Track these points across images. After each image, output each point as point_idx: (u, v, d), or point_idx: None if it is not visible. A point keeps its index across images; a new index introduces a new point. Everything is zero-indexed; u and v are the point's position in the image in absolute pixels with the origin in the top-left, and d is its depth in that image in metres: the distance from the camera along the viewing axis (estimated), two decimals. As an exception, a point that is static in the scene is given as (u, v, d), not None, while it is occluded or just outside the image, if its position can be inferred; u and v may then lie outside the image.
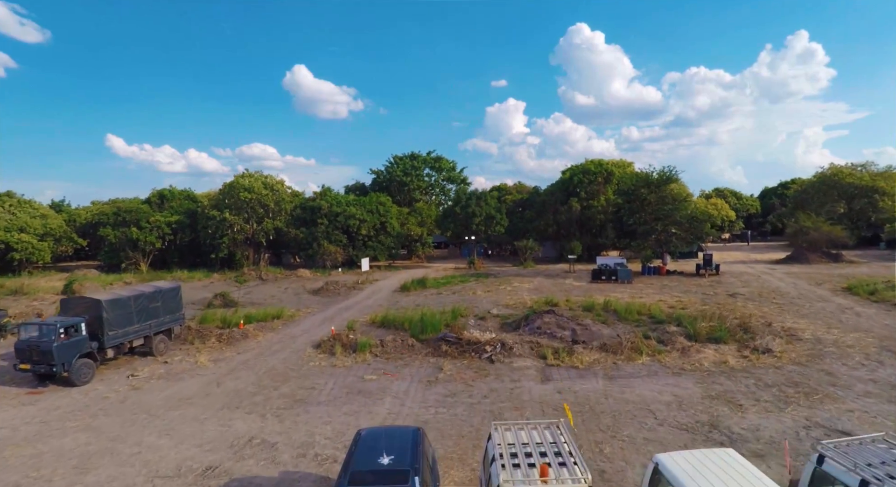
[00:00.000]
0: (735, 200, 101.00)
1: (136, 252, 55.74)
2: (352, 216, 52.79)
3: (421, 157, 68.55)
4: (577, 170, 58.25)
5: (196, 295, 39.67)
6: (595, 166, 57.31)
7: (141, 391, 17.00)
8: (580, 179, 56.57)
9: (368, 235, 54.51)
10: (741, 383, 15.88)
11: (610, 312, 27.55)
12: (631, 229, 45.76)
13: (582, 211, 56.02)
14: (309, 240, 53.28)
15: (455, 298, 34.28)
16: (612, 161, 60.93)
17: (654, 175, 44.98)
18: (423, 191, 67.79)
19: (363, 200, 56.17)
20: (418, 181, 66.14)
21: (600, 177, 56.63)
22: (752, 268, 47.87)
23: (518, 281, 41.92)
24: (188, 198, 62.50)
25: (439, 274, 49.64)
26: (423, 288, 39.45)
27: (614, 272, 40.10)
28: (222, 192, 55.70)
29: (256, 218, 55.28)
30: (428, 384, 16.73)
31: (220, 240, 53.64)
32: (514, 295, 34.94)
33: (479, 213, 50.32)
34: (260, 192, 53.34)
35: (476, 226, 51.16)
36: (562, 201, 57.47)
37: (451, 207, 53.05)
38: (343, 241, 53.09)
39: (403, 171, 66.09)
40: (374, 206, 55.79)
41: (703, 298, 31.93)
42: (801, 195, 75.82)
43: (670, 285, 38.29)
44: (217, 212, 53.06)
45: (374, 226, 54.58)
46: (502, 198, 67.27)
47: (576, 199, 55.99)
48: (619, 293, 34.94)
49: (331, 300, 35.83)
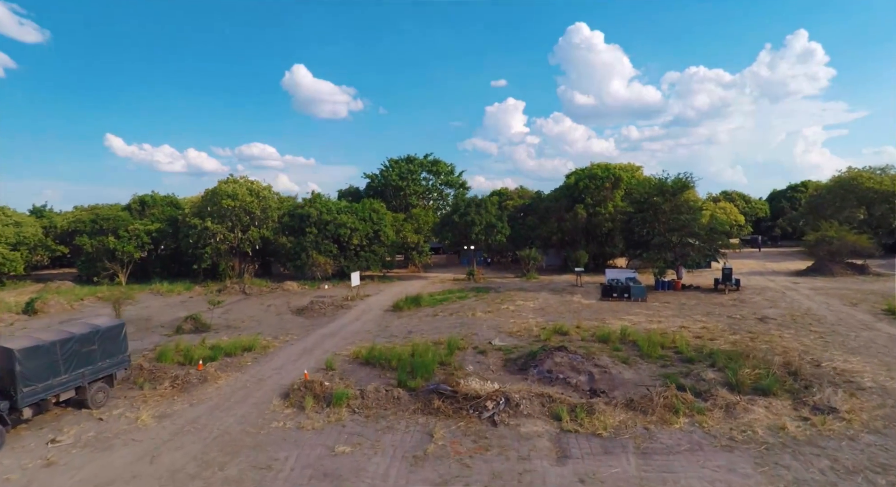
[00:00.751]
0: (744, 204, 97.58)
1: (113, 262, 52.30)
2: (343, 224, 49.36)
3: (417, 160, 65.08)
4: (582, 175, 54.81)
5: (169, 314, 36.23)
6: (602, 171, 53.87)
7: (55, 468, 13.57)
8: (586, 185, 53.13)
9: (361, 245, 51.08)
10: (813, 467, 12.44)
11: (628, 344, 24.14)
12: (642, 239, 42.31)
13: (588, 218, 52.58)
14: (297, 250, 49.86)
15: (452, 322, 30.85)
16: (620, 165, 57.50)
17: (669, 182, 41.53)
18: (419, 196, 64.31)
19: (355, 207, 52.74)
20: (415, 185, 62.68)
21: (608, 182, 53.19)
22: (773, 282, 44.44)
23: (521, 298, 38.49)
24: (171, 204, 59.02)
25: (436, 288, 46.23)
26: (417, 307, 36.02)
27: (627, 289, 36.65)
28: (204, 199, 52.24)
29: (241, 226, 51.84)
30: (414, 461, 13.30)
31: (203, 250, 50.21)
32: (518, 318, 31.52)
33: (478, 222, 46.93)
34: (244, 199, 49.88)
35: (476, 235, 47.76)
36: (567, 208, 54.04)
37: (448, 215, 49.63)
38: (333, 252, 49.65)
39: (399, 175, 62.61)
40: (367, 214, 52.35)
41: (730, 324, 28.49)
42: (817, 200, 72.33)
43: (689, 304, 34.85)
44: (198, 221, 49.61)
45: (367, 234, 51.14)
46: (503, 204, 63.85)
47: (582, 206, 52.55)
48: (634, 315, 31.50)
49: (314, 322, 32.38)
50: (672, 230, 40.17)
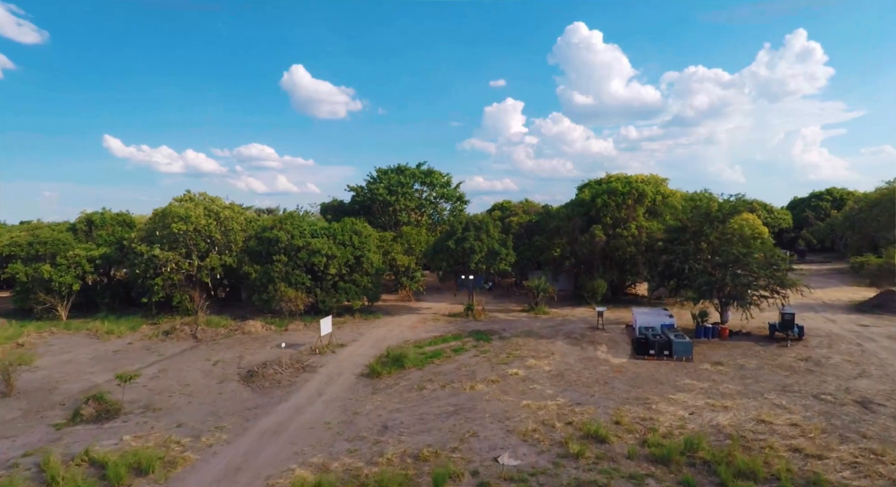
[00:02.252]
0: (765, 214, 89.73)
1: (50, 294, 44.43)
2: (317, 251, 41.47)
3: (409, 170, 57.21)
4: (599, 190, 46.97)
5: (86, 379, 28.33)
6: (623, 185, 46.05)
7: None
8: (605, 202, 45.30)
9: (340, 274, 43.23)
10: None
11: (700, 467, 16.37)
12: (679, 272, 34.54)
13: (608, 241, 44.77)
14: (263, 280, 42.00)
15: (443, 404, 23.00)
16: (641, 177, 49.68)
17: (715, 205, 33.74)
18: (411, 212, 56.49)
19: (334, 229, 44.85)
20: (405, 200, 54.89)
21: (629, 198, 45.38)
22: (834, 323, 36.69)
23: (532, 352, 30.67)
24: (123, 223, 51.07)
25: (428, 330, 38.38)
26: (400, 369, 28.18)
27: (667, 345, 28.82)
28: (152, 221, 44.33)
29: (199, 252, 43.96)
30: None
31: (153, 282, 42.33)
32: (531, 394, 23.74)
33: (478, 249, 39.18)
34: (198, 222, 41.94)
35: (475, 264, 39.98)
36: (581, 228, 46.22)
37: (442, 240, 41.77)
38: (306, 283, 41.78)
39: (388, 189, 54.76)
40: (347, 236, 44.48)
41: (825, 413, 20.71)
42: (858, 214, 64.75)
43: (749, 368, 27.03)
44: (145, 248, 41.71)
45: (347, 262, 43.29)
46: (506, 220, 56.04)
47: (599, 228, 44.72)
48: (686, 392, 23.69)
49: (262, 400, 24.53)
50: (720, 265, 32.38)
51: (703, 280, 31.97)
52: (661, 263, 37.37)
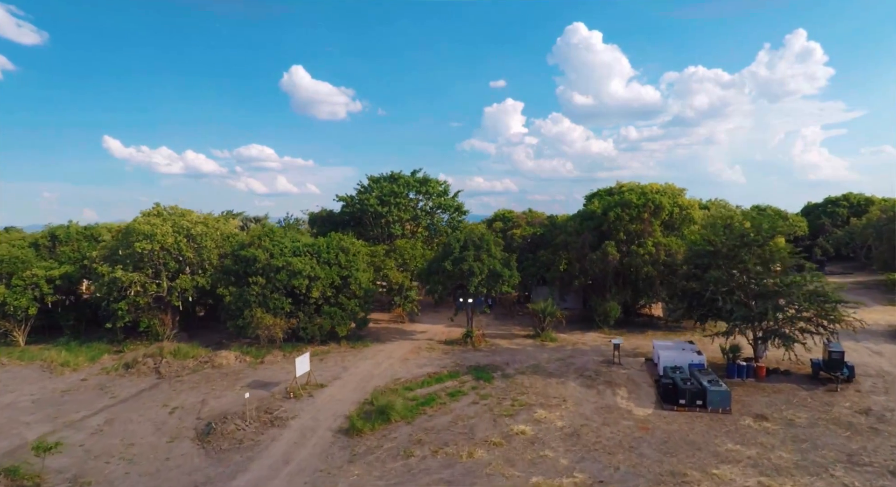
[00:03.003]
0: (780, 222, 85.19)
1: (5, 319, 40.20)
2: (297, 272, 37.15)
3: (403, 178, 52.86)
4: (612, 203, 42.62)
5: (19, 430, 23.99)
6: (637, 197, 41.70)
7: None
8: (618, 215, 40.96)
9: (324, 296, 38.92)
10: None
11: None
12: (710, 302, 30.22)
13: (621, 259, 40.46)
14: (238, 304, 37.71)
15: (433, 481, 18.69)
16: (655, 186, 45.34)
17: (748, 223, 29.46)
18: (405, 223, 52.11)
19: (318, 246, 40.50)
20: (399, 211, 50.55)
21: (645, 211, 41.05)
22: (885, 359, 32.31)
23: (541, 400, 26.35)
24: (91, 238, 46.73)
25: (422, 363, 34.07)
26: (385, 423, 23.89)
27: (700, 394, 24.48)
28: (115, 239, 40.02)
29: (169, 272, 39.65)
30: None
31: (116, 306, 38.05)
32: (542, 467, 19.45)
33: (478, 271, 34.89)
34: (165, 241, 37.58)
35: (475, 287, 35.65)
36: (592, 244, 41.90)
37: (438, 260, 37.38)
38: (286, 308, 37.47)
39: (380, 199, 50.42)
40: (332, 254, 40.16)
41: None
42: (887, 224, 60.41)
43: (801, 426, 22.70)
44: (106, 268, 37.40)
45: (332, 283, 38.99)
46: (508, 233, 51.73)
47: (612, 244, 40.38)
48: (730, 463, 19.34)
49: (214, 470, 20.24)
50: (759, 295, 28.05)
51: (740, 314, 27.60)
52: (685, 288, 33.04)
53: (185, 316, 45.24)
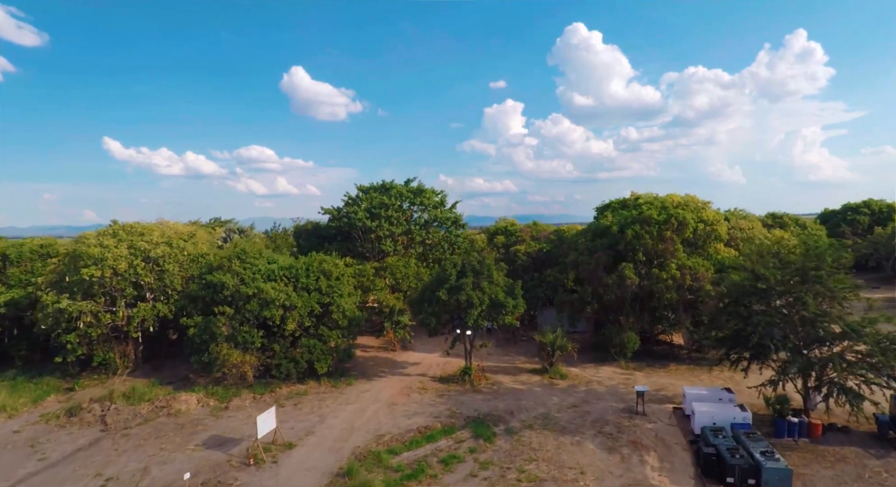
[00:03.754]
0: (798, 230, 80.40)
1: (-58, 350, 35.45)
2: (270, 301, 32.33)
3: (396, 188, 47.97)
4: (628, 218, 37.75)
5: None
6: (658, 212, 36.86)
7: None
8: (637, 234, 36.12)
9: (302, 326, 34.13)
10: None
11: None
12: (759, 348, 25.36)
13: (641, 283, 35.64)
14: (203, 337, 32.91)
15: None
16: (675, 198, 40.55)
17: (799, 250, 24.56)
18: (398, 238, 47.21)
19: (296, 268, 35.66)
20: (390, 225, 45.69)
21: (668, 229, 36.22)
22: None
23: (554, 473, 21.50)
24: (47, 257, 41.87)
25: (411, 409, 29.25)
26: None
27: (753, 471, 19.62)
28: (62, 263, 35.20)
29: (127, 299, 34.85)
30: None
31: (66, 338, 33.29)
32: None
33: (478, 302, 30.05)
34: (117, 265, 32.79)
35: (475, 319, 30.82)
36: (607, 265, 37.06)
37: (431, 288, 32.37)
38: (256, 343, 32.67)
39: (369, 212, 45.54)
40: (312, 279, 35.35)
41: None
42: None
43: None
44: (51, 297, 32.61)
45: (312, 311, 34.20)
46: (510, 247, 46.91)
47: (630, 267, 35.55)
48: None
49: None
50: (818, 340, 23.18)
51: (798, 365, 22.71)
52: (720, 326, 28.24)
53: (153, 342, 40.50)
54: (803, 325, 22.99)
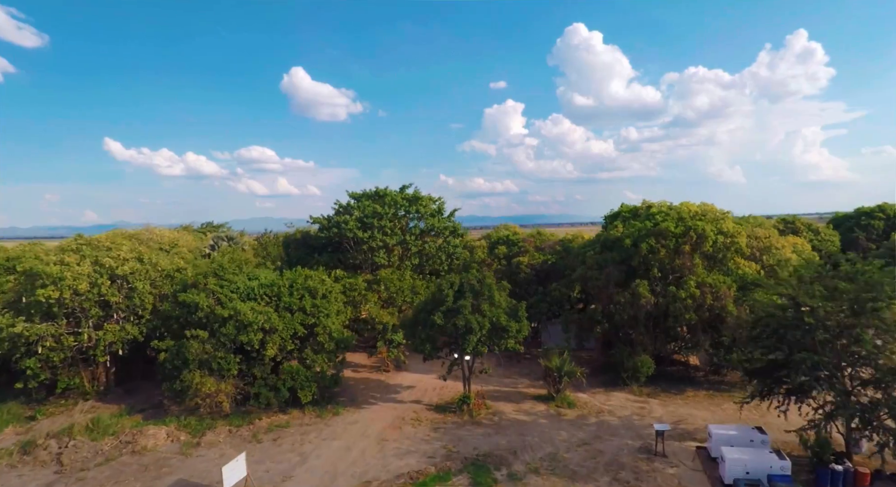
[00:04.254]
0: (811, 236, 77.27)
1: None
2: (247, 325, 29.28)
3: (390, 195, 44.89)
4: (641, 230, 34.66)
5: None
6: (675, 224, 33.77)
7: None
8: (652, 248, 33.05)
9: (284, 350, 31.08)
10: None
11: None
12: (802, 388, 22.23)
13: (657, 302, 32.58)
14: (175, 363, 29.86)
15: None
16: (691, 208, 37.55)
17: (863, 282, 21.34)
18: (392, 249, 44.15)
19: (278, 286, 32.59)
20: (384, 236, 42.63)
21: (686, 243, 33.15)
22: None
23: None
24: (11, 271, 38.73)
25: (403, 446, 26.19)
26: None
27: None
28: (19, 282, 32.13)
29: (92, 321, 31.81)
30: None
31: (26, 363, 30.28)
32: None
33: (478, 326, 27.01)
34: (78, 285, 29.72)
35: (475, 345, 27.78)
36: (619, 281, 33.99)
37: (425, 310, 29.19)
38: (233, 371, 29.61)
39: (361, 222, 42.46)
40: (296, 298, 32.30)
41: None
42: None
43: None
44: (6, 321, 29.56)
45: (295, 334, 31.16)
46: (513, 259, 43.85)
47: (645, 284, 32.48)
48: None
49: None
50: (869, 381, 20.08)
51: (848, 409, 19.61)
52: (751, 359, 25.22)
53: (127, 364, 37.45)
54: (853, 363, 19.92)
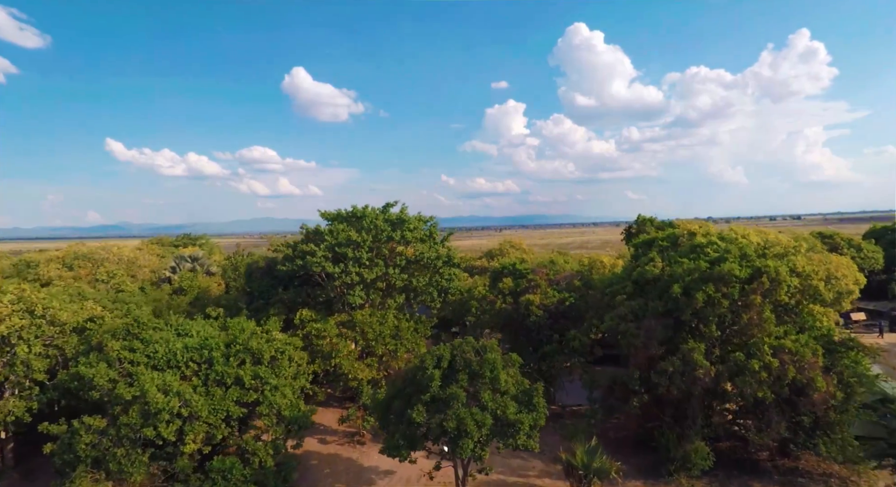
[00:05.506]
0: (853, 252, 68.74)
1: None
2: (157, 413, 21.09)
3: (370, 216, 36.52)
4: (694, 273, 26.20)
5: None
6: (739, 265, 25.36)
7: None
8: (710, 299, 24.67)
9: (213, 440, 22.88)
10: None
11: None
12: None
13: (717, 373, 24.23)
14: (66, 458, 21.71)
15: None
16: (750, 237, 29.27)
17: None
18: (376, 283, 35.69)
19: (210, 347, 24.36)
20: (360, 268, 34.23)
21: (756, 291, 24.79)
22: None
23: None
24: None
25: None
26: None
27: None
28: None
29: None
30: None
31: None
32: None
33: (475, 426, 18.72)
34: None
35: (472, 450, 19.55)
36: (662, 339, 25.64)
37: (399, 397, 20.78)
38: (137, 476, 21.40)
39: (332, 251, 34.08)
40: (231, 367, 24.05)
41: None
42: None
43: None
44: None
45: (228, 416, 22.96)
46: (520, 296, 35.46)
47: (701, 348, 24.15)
48: None
49: None
50: None
51: None
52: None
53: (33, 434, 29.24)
54: None
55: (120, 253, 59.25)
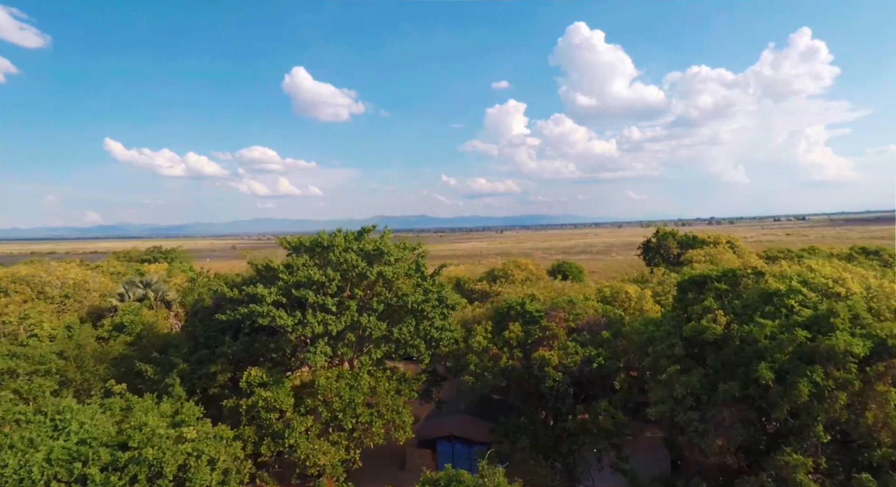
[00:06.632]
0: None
1: None
2: None
3: (339, 248, 28.44)
4: (784, 345, 18.25)
5: None
6: (858, 340, 17.41)
7: None
8: (820, 389, 16.71)
9: None
10: None
11: None
12: None
13: None
14: None
15: None
16: (847, 284, 21.40)
17: None
18: (343, 335, 27.58)
19: (85, 455, 16.74)
20: (326, 314, 26.25)
21: (885, 375, 16.83)
22: None
23: None
24: None
25: None
26: None
27: None
28: None
29: None
30: None
31: None
32: None
33: None
34: None
35: None
36: (744, 440, 17.73)
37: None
38: None
39: (286, 296, 26.04)
40: (123, 482, 16.34)
41: None
42: None
43: None
44: None
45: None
46: (531, 351, 27.49)
47: (807, 463, 16.22)
48: None
49: None
50: None
51: None
52: None
53: None
54: None
55: (65, 274, 51.56)
